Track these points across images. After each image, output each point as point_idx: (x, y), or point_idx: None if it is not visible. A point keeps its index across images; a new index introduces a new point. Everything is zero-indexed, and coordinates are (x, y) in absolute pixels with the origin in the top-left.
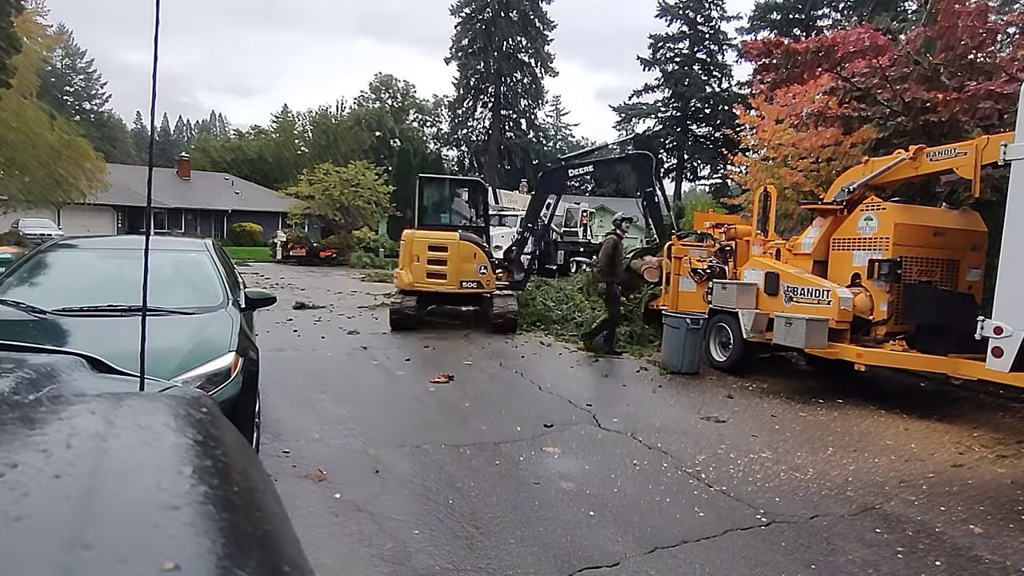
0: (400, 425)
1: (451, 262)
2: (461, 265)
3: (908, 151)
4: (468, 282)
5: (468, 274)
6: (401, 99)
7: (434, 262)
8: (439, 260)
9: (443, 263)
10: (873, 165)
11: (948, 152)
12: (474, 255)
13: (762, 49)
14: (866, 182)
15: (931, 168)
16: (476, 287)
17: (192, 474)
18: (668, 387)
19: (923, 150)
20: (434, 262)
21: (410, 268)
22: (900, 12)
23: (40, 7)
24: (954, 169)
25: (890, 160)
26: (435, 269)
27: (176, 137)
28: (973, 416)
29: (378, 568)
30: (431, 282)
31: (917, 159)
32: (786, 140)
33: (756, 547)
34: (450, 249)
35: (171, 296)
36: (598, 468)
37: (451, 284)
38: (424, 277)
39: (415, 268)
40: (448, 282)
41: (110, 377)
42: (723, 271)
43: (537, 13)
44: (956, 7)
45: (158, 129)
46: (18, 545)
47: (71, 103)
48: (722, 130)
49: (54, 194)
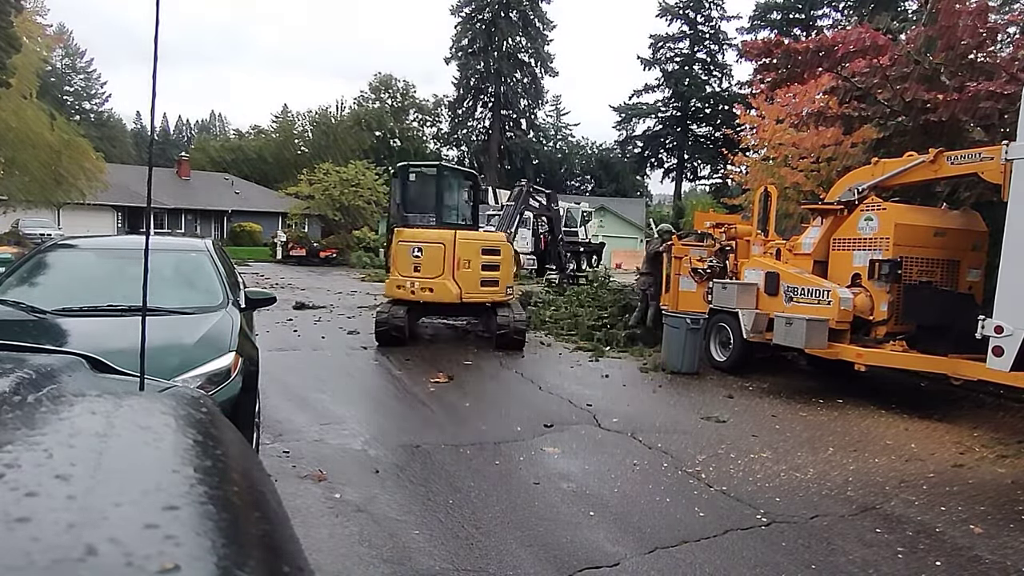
0: (400, 425)
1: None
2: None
3: (929, 153)
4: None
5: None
6: (401, 99)
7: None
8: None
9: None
10: (885, 167)
11: (972, 156)
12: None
13: (762, 49)
14: (878, 183)
15: (951, 172)
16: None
17: (192, 474)
18: (668, 387)
19: (943, 153)
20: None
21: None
22: (900, 12)
23: (40, 7)
24: (979, 173)
25: (905, 162)
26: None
27: (176, 137)
28: (973, 416)
29: (378, 568)
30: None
31: (937, 162)
32: (786, 140)
33: (756, 547)
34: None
35: (171, 296)
36: (598, 468)
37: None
38: (478, 287)
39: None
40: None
41: (110, 377)
42: (723, 271)
43: (537, 13)
44: (956, 7)
45: (158, 129)
46: (19, 546)
47: (71, 103)
48: (722, 130)
49: (54, 194)
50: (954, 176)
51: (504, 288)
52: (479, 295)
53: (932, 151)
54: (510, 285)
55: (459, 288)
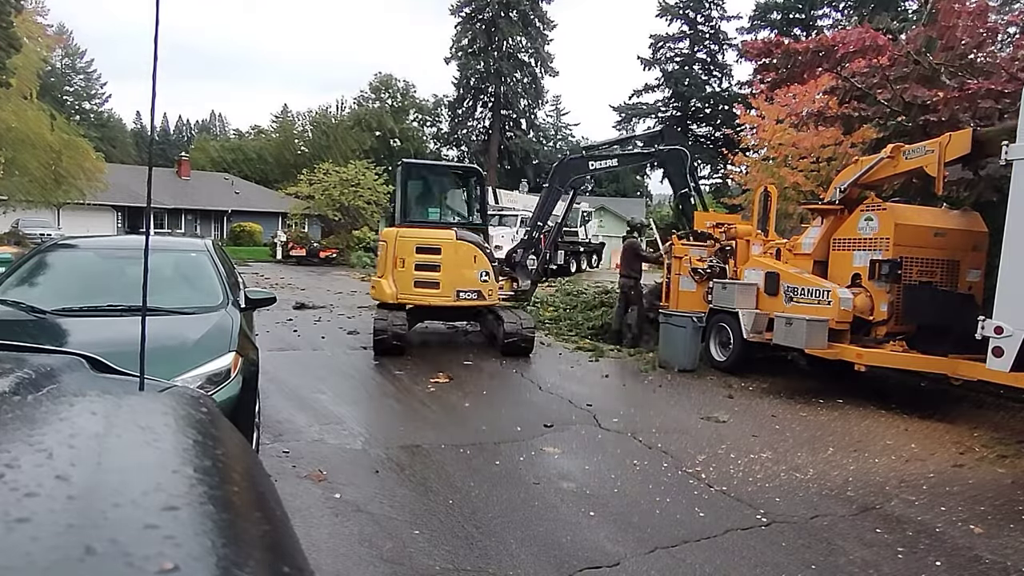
0: (400, 425)
1: (445, 267)
2: (459, 271)
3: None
4: (466, 292)
5: (467, 283)
6: (401, 99)
7: (423, 267)
8: (430, 265)
9: (436, 268)
10: (861, 164)
11: (919, 150)
12: (474, 258)
13: (762, 49)
14: (855, 181)
15: (908, 166)
16: (476, 298)
17: (192, 474)
18: (668, 387)
19: (900, 148)
20: (423, 267)
21: (393, 276)
22: (900, 12)
23: (40, 7)
24: (923, 167)
25: (875, 159)
26: (425, 276)
27: (176, 137)
28: (973, 416)
29: (378, 568)
30: (419, 293)
31: (895, 157)
32: (786, 140)
33: (756, 547)
34: (444, 251)
35: (171, 296)
36: (598, 468)
37: (445, 295)
38: (411, 287)
39: (400, 275)
40: (441, 292)
41: (110, 377)
42: (723, 271)
43: (537, 13)
44: (956, 7)
45: (158, 129)
46: (19, 546)
47: (71, 103)
48: (722, 130)
49: (54, 194)
50: (911, 170)
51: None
52: (414, 296)
53: (889, 147)
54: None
55: (395, 288)
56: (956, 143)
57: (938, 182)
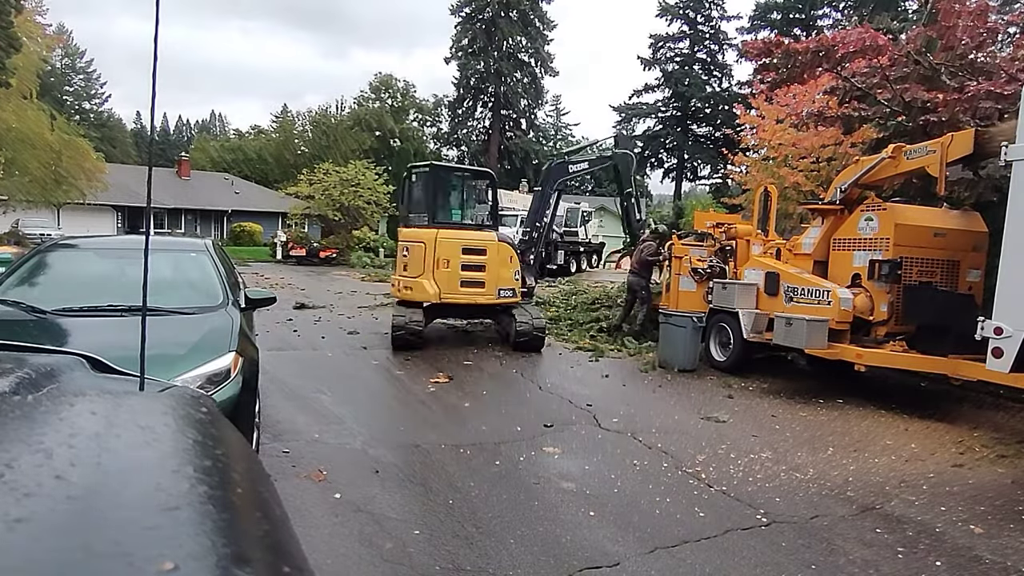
0: (400, 425)
1: (489, 267)
2: (499, 271)
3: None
4: (505, 291)
5: (506, 281)
6: (401, 99)
7: (470, 267)
8: (476, 265)
9: (481, 268)
10: (862, 164)
11: (921, 150)
12: (510, 258)
13: (762, 49)
14: (856, 181)
15: (909, 166)
16: (512, 296)
17: (192, 474)
18: (668, 387)
19: (901, 148)
20: (470, 267)
21: (434, 276)
22: (900, 12)
23: (40, 7)
24: (925, 167)
25: (875, 159)
26: (471, 276)
27: (176, 137)
28: (973, 416)
29: (378, 568)
30: (465, 292)
31: (897, 157)
32: (786, 140)
33: (756, 547)
34: (488, 252)
35: (171, 296)
36: (598, 468)
37: (489, 294)
38: (457, 287)
39: (444, 275)
40: (486, 291)
41: (110, 377)
42: (723, 271)
43: (537, 13)
44: (956, 7)
45: (158, 129)
46: (19, 546)
47: (71, 103)
48: (722, 130)
49: (54, 194)
50: (912, 170)
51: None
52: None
53: (891, 147)
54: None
55: (437, 288)
56: (958, 143)
57: (940, 182)
